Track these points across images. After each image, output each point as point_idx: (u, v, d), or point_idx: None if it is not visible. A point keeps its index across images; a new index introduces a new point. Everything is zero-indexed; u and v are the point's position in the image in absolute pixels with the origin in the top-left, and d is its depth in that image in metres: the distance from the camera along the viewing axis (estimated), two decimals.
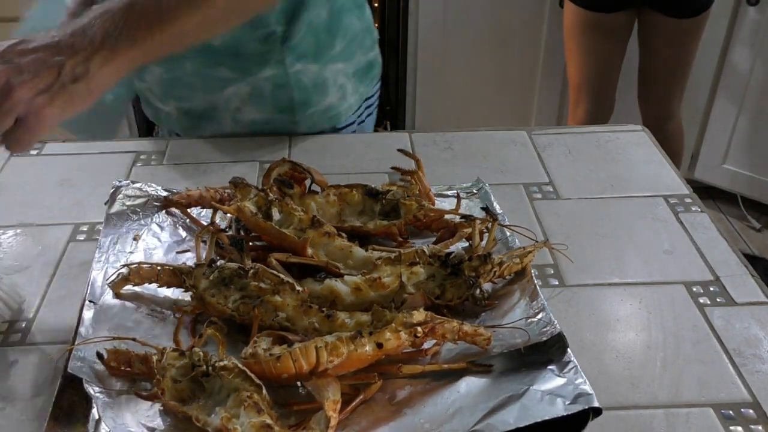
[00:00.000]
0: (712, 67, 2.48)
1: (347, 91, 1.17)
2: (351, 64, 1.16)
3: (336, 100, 1.16)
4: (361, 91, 1.20)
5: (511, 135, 1.17)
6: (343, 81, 1.15)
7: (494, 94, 2.63)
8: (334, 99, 1.15)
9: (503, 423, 0.63)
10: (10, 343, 0.77)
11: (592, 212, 0.99)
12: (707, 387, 0.72)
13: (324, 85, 1.13)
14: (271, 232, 0.85)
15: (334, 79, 1.14)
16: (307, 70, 1.11)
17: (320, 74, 1.12)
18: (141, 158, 1.10)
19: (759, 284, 0.85)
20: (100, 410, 0.65)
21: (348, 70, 1.16)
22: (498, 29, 2.50)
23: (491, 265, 0.79)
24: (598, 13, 2.06)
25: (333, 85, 1.14)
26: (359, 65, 1.18)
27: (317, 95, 1.14)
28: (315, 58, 1.11)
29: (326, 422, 0.62)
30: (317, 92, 1.13)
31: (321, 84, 1.13)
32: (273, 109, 1.14)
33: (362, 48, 1.18)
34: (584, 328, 0.79)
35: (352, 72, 1.16)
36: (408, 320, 0.69)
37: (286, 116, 1.14)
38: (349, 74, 1.16)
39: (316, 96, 1.14)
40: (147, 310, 0.79)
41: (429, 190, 0.94)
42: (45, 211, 0.99)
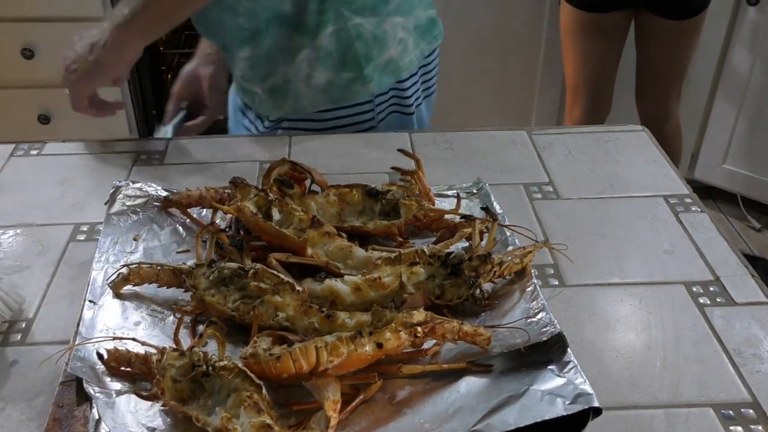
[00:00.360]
0: (711, 68, 2.48)
1: (408, 46, 1.18)
2: (411, 18, 1.18)
3: (396, 54, 1.17)
4: (422, 48, 1.21)
5: (511, 135, 1.17)
6: (403, 35, 1.17)
7: (494, 94, 2.63)
8: (394, 52, 1.17)
9: (503, 423, 0.63)
10: (10, 343, 0.77)
11: (592, 212, 0.99)
12: (707, 387, 0.72)
13: (384, 38, 1.15)
14: (271, 232, 0.85)
15: (394, 32, 1.16)
16: (366, 23, 1.14)
17: (379, 27, 1.15)
18: (141, 158, 1.10)
19: (759, 284, 0.85)
20: (100, 410, 0.65)
21: (408, 25, 1.17)
22: (498, 29, 2.50)
23: (491, 265, 0.79)
24: (593, 14, 2.06)
25: (393, 38, 1.16)
26: (419, 21, 1.19)
27: (378, 48, 1.15)
28: (373, 11, 1.14)
29: (326, 422, 0.62)
30: (378, 45, 1.15)
31: (381, 37, 1.15)
32: (341, 68, 1.16)
33: (422, 4, 1.20)
34: (584, 328, 0.79)
35: (412, 26, 1.18)
36: (408, 320, 0.69)
37: (353, 73, 1.16)
38: (409, 28, 1.18)
39: (377, 49, 1.15)
40: (147, 310, 0.79)
41: (429, 190, 0.94)
42: (45, 211, 0.99)
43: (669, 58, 2.10)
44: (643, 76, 2.19)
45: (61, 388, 0.69)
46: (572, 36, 2.13)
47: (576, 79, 2.19)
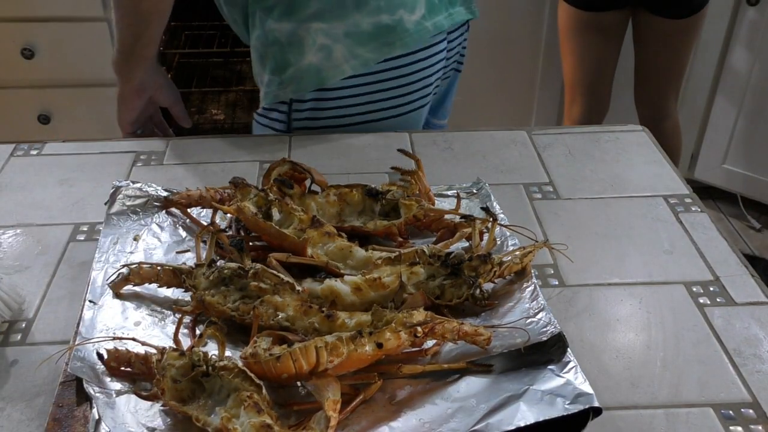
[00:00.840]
0: (711, 68, 2.48)
1: (334, 53, 1.12)
2: (338, 24, 1.11)
3: (318, 61, 1.12)
4: (364, 56, 1.13)
5: (511, 135, 1.17)
6: (326, 42, 1.11)
7: (494, 94, 2.63)
8: (314, 59, 1.12)
9: (503, 423, 0.63)
10: (10, 343, 0.77)
11: (592, 212, 0.99)
12: (707, 387, 0.72)
13: (300, 44, 1.11)
14: (271, 232, 0.85)
15: (313, 39, 1.11)
16: (281, 28, 1.12)
17: (294, 33, 1.11)
18: (141, 158, 1.10)
19: (759, 284, 0.85)
20: (100, 410, 0.65)
21: (334, 31, 1.11)
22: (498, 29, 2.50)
23: (491, 265, 0.79)
24: (591, 13, 2.06)
25: (311, 44, 1.11)
26: (357, 27, 1.12)
27: (294, 54, 1.12)
28: (288, 17, 1.11)
29: (326, 422, 0.62)
30: (293, 51, 1.12)
31: (297, 43, 1.11)
32: (266, 70, 1.16)
33: (362, 10, 1.11)
34: (584, 328, 0.80)
35: (341, 33, 1.11)
36: (408, 320, 0.69)
37: (275, 77, 1.15)
38: (336, 35, 1.11)
39: (293, 55, 1.12)
40: (147, 310, 0.79)
41: (429, 190, 0.94)
42: (45, 211, 0.99)
43: (667, 57, 2.10)
44: (642, 75, 2.19)
45: (61, 388, 0.69)
46: (570, 35, 2.13)
47: (574, 78, 2.19)
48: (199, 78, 2.66)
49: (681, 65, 2.13)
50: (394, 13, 1.12)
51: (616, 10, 2.05)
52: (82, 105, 2.39)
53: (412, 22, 1.14)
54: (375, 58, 1.13)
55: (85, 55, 2.29)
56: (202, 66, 2.69)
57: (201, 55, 2.64)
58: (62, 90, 2.38)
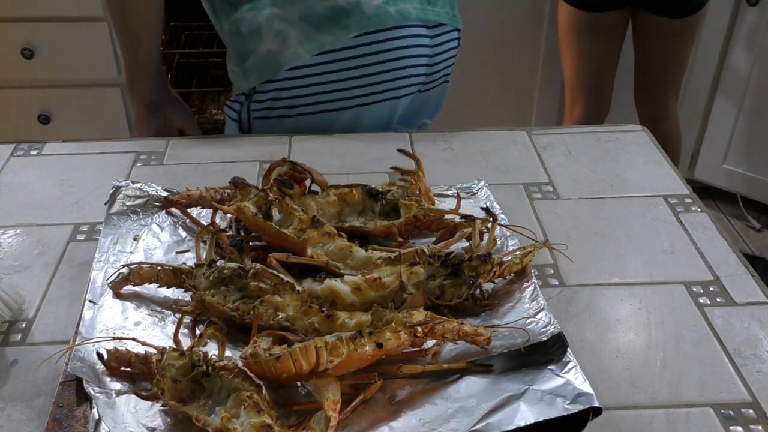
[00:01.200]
0: (711, 68, 2.48)
1: (289, 38, 1.11)
2: (293, 9, 1.11)
3: (275, 47, 1.11)
4: (321, 40, 1.11)
5: (511, 135, 1.17)
6: (281, 27, 1.11)
7: (494, 94, 2.62)
8: (272, 45, 1.11)
9: (503, 423, 0.63)
10: (10, 343, 0.77)
11: (592, 212, 0.99)
12: (707, 387, 0.72)
13: (259, 31, 1.12)
14: (271, 232, 0.85)
15: (269, 25, 1.11)
16: (243, 18, 1.13)
17: (253, 21, 1.12)
18: (141, 158, 1.10)
19: (759, 284, 0.85)
20: (100, 410, 0.65)
21: (289, 16, 1.11)
22: (498, 29, 2.50)
23: (491, 265, 0.79)
24: (591, 13, 2.06)
25: (268, 31, 1.11)
26: (311, 11, 1.11)
27: (254, 42, 1.12)
28: (248, 6, 1.12)
29: (326, 422, 0.62)
30: (254, 39, 1.12)
31: (256, 30, 1.12)
32: (236, 62, 1.16)
33: None
34: (584, 328, 0.80)
35: (296, 17, 1.11)
36: (408, 320, 0.69)
37: (239, 68, 1.16)
38: (291, 20, 1.11)
39: (253, 43, 1.13)
40: (147, 310, 0.79)
41: (429, 190, 0.94)
42: (45, 211, 0.99)
43: (667, 57, 2.10)
44: (642, 75, 2.19)
45: (61, 388, 0.69)
46: (570, 35, 2.13)
47: (575, 78, 2.19)
48: (199, 78, 2.66)
49: (681, 65, 2.13)
50: None
51: (616, 11, 2.05)
52: (82, 105, 2.39)
53: (373, 6, 1.12)
54: (331, 41, 1.11)
55: (85, 55, 2.29)
56: (202, 66, 2.69)
57: (201, 55, 2.64)
58: (62, 90, 2.38)
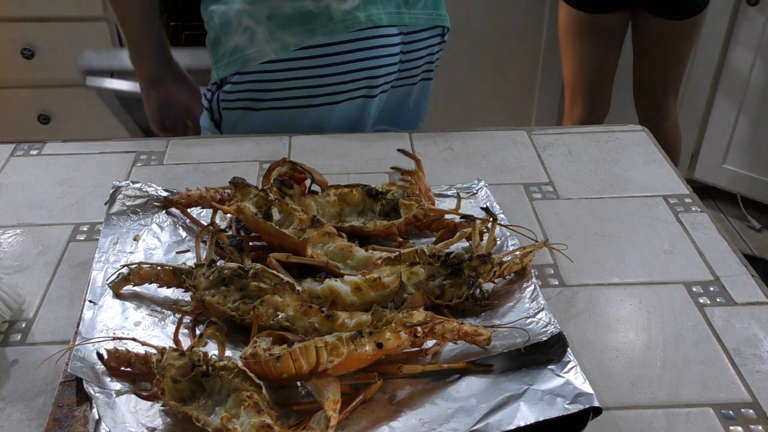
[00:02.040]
0: (712, 68, 2.48)
1: (256, 35, 1.13)
2: (261, 7, 1.13)
3: (243, 42, 1.14)
4: (285, 40, 1.13)
5: (511, 135, 1.17)
6: (250, 23, 1.13)
7: (494, 94, 2.63)
8: (240, 40, 1.14)
9: (503, 423, 0.63)
10: (10, 343, 0.77)
11: (592, 212, 0.99)
12: (707, 387, 0.72)
13: (229, 24, 1.15)
14: (271, 232, 0.85)
15: (239, 20, 1.14)
16: (217, 9, 1.17)
17: (226, 14, 1.15)
18: (141, 158, 1.10)
19: (759, 284, 0.85)
20: (100, 410, 0.65)
21: (257, 13, 1.13)
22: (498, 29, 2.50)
23: (491, 265, 0.79)
24: (591, 14, 2.06)
25: (237, 25, 1.14)
26: (279, 11, 1.12)
27: (225, 35, 1.16)
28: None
29: (326, 422, 0.62)
30: (224, 32, 1.16)
31: (227, 23, 1.15)
32: (211, 53, 1.20)
33: None
34: (584, 328, 0.80)
35: (264, 16, 1.13)
36: (408, 320, 0.69)
37: (212, 57, 1.20)
38: (258, 17, 1.13)
39: (224, 35, 1.16)
40: (147, 310, 0.79)
41: (429, 190, 0.94)
42: (45, 211, 0.99)
43: (667, 59, 2.10)
44: (641, 76, 2.19)
45: (61, 388, 0.69)
46: (570, 36, 2.13)
47: (575, 79, 2.19)
48: None
49: (681, 66, 2.13)
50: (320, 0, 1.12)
51: (616, 12, 2.05)
52: (82, 105, 2.39)
53: (341, 11, 1.12)
54: (296, 42, 1.13)
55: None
56: None
57: None
58: (62, 90, 2.38)
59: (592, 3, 2.04)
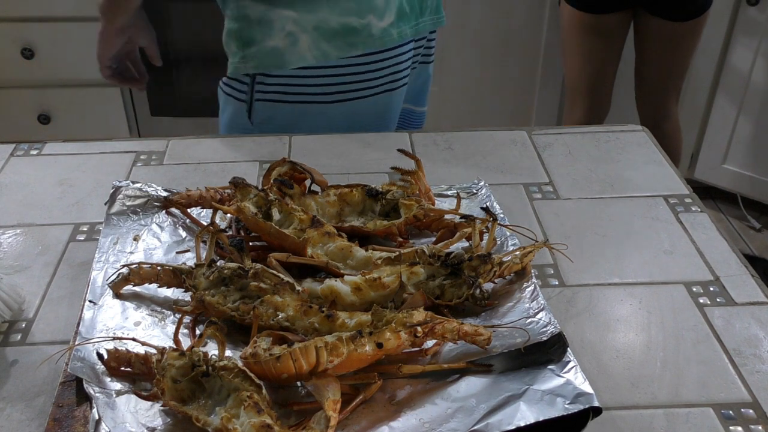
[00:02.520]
0: (712, 67, 2.48)
1: (300, 42, 1.18)
2: (310, 17, 1.17)
3: (283, 46, 1.18)
4: (327, 50, 1.19)
5: (511, 135, 1.17)
6: (294, 29, 1.17)
7: (494, 94, 2.63)
8: (280, 43, 1.18)
9: (503, 423, 0.63)
10: (10, 343, 0.77)
11: (592, 212, 0.99)
12: (707, 387, 0.72)
13: (269, 25, 1.17)
14: (271, 232, 0.85)
15: (282, 24, 1.17)
16: (254, 7, 1.17)
17: (266, 14, 1.17)
18: (141, 158, 1.10)
19: (759, 284, 0.85)
20: (100, 410, 0.65)
21: (304, 22, 1.17)
22: (498, 29, 2.50)
23: (491, 265, 0.79)
24: (593, 15, 2.06)
25: (280, 29, 1.17)
26: (326, 24, 1.18)
27: (261, 34, 1.18)
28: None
29: (326, 422, 0.62)
30: (261, 31, 1.18)
31: (266, 24, 1.17)
32: (233, 44, 1.21)
33: (335, 9, 1.17)
34: (584, 328, 0.80)
35: (311, 26, 1.17)
36: (408, 320, 0.69)
37: (239, 51, 1.20)
38: (304, 26, 1.17)
39: (260, 34, 1.18)
40: (147, 310, 0.79)
41: (429, 190, 0.94)
42: (45, 211, 0.99)
43: (668, 60, 2.10)
44: (642, 76, 2.19)
45: (61, 388, 0.69)
46: (572, 37, 2.13)
47: (576, 79, 2.19)
48: None
49: (682, 68, 2.13)
50: (364, 17, 1.19)
51: (618, 13, 2.05)
52: (82, 105, 2.39)
53: (379, 28, 1.20)
54: (337, 54, 1.19)
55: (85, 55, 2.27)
56: None
57: None
58: (62, 90, 2.38)
59: (593, 3, 2.04)
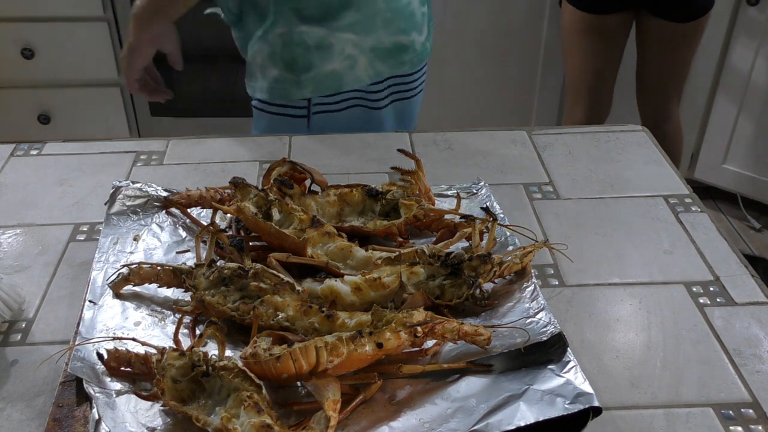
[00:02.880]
0: (712, 67, 2.48)
1: (358, 63, 1.21)
2: (367, 39, 1.20)
3: (342, 68, 1.21)
4: (381, 70, 1.24)
5: (511, 135, 1.17)
6: (353, 52, 1.20)
7: (494, 94, 2.62)
8: (339, 66, 1.20)
9: (503, 423, 0.63)
10: (10, 343, 0.77)
11: (592, 212, 0.99)
12: (707, 387, 0.72)
13: (329, 50, 1.19)
14: (271, 232, 0.85)
15: (341, 47, 1.19)
16: (312, 32, 1.17)
17: (325, 39, 1.18)
18: (141, 158, 1.10)
19: (759, 284, 0.85)
20: (100, 410, 0.65)
21: (362, 44, 1.20)
22: (498, 29, 2.50)
23: (491, 265, 0.79)
24: (595, 15, 2.06)
25: (339, 52, 1.19)
26: (381, 44, 1.21)
27: (320, 58, 1.19)
28: (320, 23, 1.18)
29: (326, 422, 0.62)
30: (320, 56, 1.19)
31: (325, 48, 1.19)
32: (281, 67, 1.21)
33: (387, 29, 1.21)
34: (584, 328, 0.80)
35: (368, 47, 1.20)
36: (408, 320, 0.69)
37: (291, 76, 1.21)
38: (363, 48, 1.20)
39: (319, 59, 1.19)
40: (147, 310, 0.79)
41: (429, 190, 0.94)
42: (45, 211, 0.99)
43: (669, 61, 2.10)
44: (644, 77, 2.19)
45: (61, 388, 0.69)
46: (574, 37, 2.13)
47: (577, 80, 2.19)
48: None
49: (683, 68, 2.13)
50: (410, 34, 1.24)
51: (619, 13, 2.05)
52: (82, 105, 2.39)
53: (419, 43, 1.27)
54: (388, 72, 1.25)
55: (85, 55, 2.29)
56: None
57: None
58: (62, 90, 2.38)
59: (595, 4, 2.04)
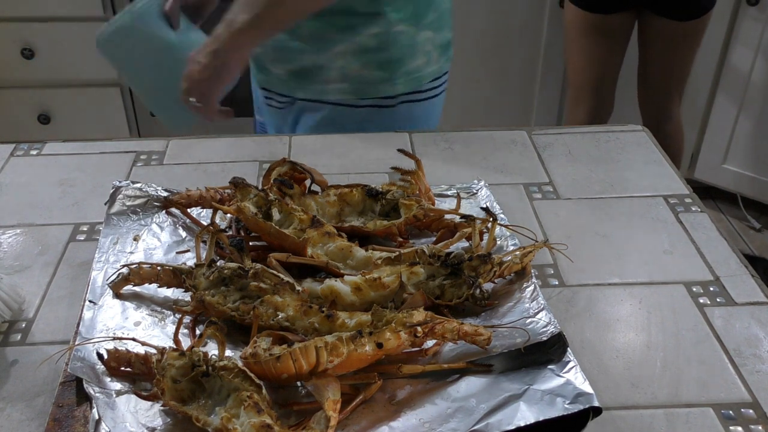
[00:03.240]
0: (712, 67, 2.48)
1: (431, 59, 1.26)
2: (439, 35, 1.26)
3: (422, 64, 1.25)
4: (442, 65, 1.29)
5: (511, 135, 1.17)
6: (430, 49, 1.25)
7: (494, 94, 2.62)
8: (421, 62, 1.25)
9: (503, 423, 0.63)
10: (10, 343, 0.77)
11: (592, 212, 0.99)
12: (707, 387, 0.72)
13: (416, 47, 1.23)
14: (271, 232, 0.85)
15: (423, 45, 1.24)
16: (407, 31, 1.21)
17: (414, 38, 1.22)
18: (141, 158, 1.10)
19: (759, 284, 0.85)
20: (100, 410, 0.65)
21: (436, 41, 1.26)
22: (498, 29, 2.50)
23: (491, 265, 0.79)
24: (597, 15, 2.06)
25: (422, 50, 1.24)
26: (444, 40, 1.28)
27: (410, 56, 1.24)
28: (413, 22, 1.21)
29: (326, 422, 0.62)
30: (410, 53, 1.24)
31: (414, 46, 1.23)
32: (375, 66, 1.22)
33: (447, 26, 1.29)
34: (584, 328, 0.80)
35: (439, 43, 1.26)
36: (408, 320, 0.69)
37: (385, 74, 1.23)
38: (436, 44, 1.26)
39: (409, 57, 1.24)
40: (147, 310, 0.79)
41: (429, 190, 0.94)
42: (45, 211, 0.99)
43: (671, 60, 2.10)
44: (646, 76, 2.19)
45: (61, 388, 0.69)
46: (576, 36, 2.13)
47: (579, 79, 2.19)
48: None
49: (685, 68, 2.13)
50: (450, 30, 1.31)
51: (622, 12, 2.05)
52: (82, 105, 2.39)
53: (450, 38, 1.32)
54: (446, 67, 1.32)
55: (85, 55, 2.29)
56: None
57: None
58: (62, 90, 2.38)
59: (598, 3, 2.04)
